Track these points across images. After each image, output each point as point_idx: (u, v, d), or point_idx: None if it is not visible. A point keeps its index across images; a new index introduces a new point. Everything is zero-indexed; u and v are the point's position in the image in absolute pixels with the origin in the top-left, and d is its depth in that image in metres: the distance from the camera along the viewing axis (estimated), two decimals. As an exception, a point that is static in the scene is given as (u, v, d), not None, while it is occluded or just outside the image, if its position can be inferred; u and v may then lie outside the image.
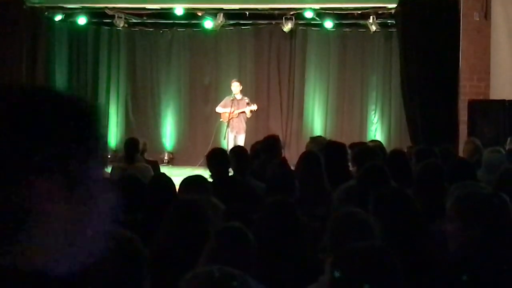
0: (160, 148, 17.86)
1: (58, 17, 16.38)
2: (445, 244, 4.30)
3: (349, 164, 8.02)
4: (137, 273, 2.79)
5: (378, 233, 4.10)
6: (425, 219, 4.94)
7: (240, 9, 16.13)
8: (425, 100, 13.47)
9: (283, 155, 9.10)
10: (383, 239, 4.13)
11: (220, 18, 16.23)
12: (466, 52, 13.31)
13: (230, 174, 7.58)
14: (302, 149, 11.27)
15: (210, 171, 7.18)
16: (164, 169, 10.87)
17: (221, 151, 7.95)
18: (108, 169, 10.02)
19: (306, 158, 7.27)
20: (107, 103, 18.44)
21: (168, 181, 6.00)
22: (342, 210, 4.30)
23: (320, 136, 11.03)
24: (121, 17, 16.42)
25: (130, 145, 9.46)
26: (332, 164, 7.45)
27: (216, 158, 7.33)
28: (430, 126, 13.32)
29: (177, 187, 6.10)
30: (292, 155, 13.75)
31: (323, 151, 7.89)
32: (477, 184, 5.73)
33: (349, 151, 8.23)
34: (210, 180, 6.88)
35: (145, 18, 17.11)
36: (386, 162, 7.29)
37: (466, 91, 13.31)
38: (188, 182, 5.98)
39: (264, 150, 8.72)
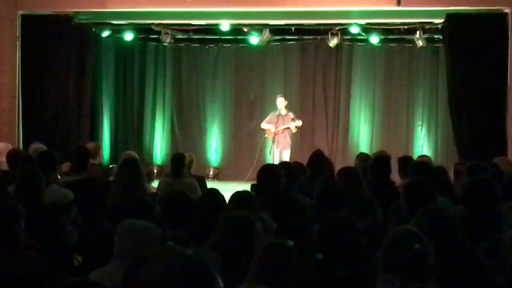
0: (205, 163, 17.91)
1: (105, 33, 16.54)
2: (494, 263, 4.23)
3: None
4: None
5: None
6: (464, 240, 4.91)
7: (285, 24, 16.14)
8: (473, 116, 13.33)
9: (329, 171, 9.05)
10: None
11: (266, 33, 16.25)
12: (514, 66, 13.16)
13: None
14: (347, 164, 11.24)
15: (261, 186, 7.14)
16: (209, 184, 10.90)
17: (274, 166, 7.93)
18: (155, 184, 10.09)
19: (344, 173, 7.28)
20: (153, 118, 18.57)
21: (219, 197, 5.99)
22: (396, 228, 4.24)
23: (363, 154, 10.96)
24: (167, 33, 16.52)
25: (177, 160, 9.48)
26: (378, 177, 7.47)
27: (269, 173, 7.30)
28: (478, 142, 13.17)
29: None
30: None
31: (370, 165, 7.90)
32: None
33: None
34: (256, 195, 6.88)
35: (191, 33, 17.20)
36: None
37: (515, 106, 13.15)
38: (236, 198, 5.98)
39: (310, 166, 8.73)
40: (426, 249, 3.99)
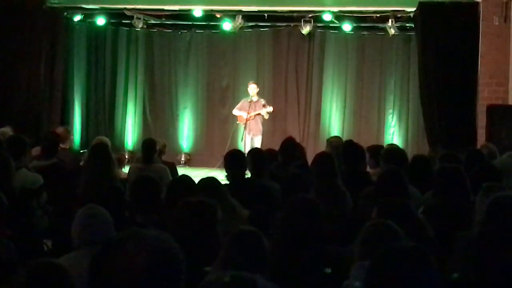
0: (177, 149, 17.87)
1: (77, 18, 16.44)
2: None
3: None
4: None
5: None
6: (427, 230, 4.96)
7: (258, 11, 16.10)
8: (444, 105, 13.42)
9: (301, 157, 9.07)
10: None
11: (239, 20, 16.21)
12: (485, 56, 13.25)
13: (247, 176, 7.60)
14: (319, 151, 11.26)
15: (227, 172, 7.19)
16: (180, 171, 10.89)
17: (239, 152, 7.95)
18: (126, 170, 10.06)
19: (320, 159, 7.29)
20: (125, 103, 18.48)
21: (191, 182, 5.98)
22: (374, 220, 4.26)
23: (336, 137, 10.98)
24: (139, 18, 16.44)
25: (148, 146, 9.46)
26: (350, 165, 7.48)
27: (234, 159, 7.33)
28: (448, 130, 13.27)
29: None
30: (309, 157, 13.69)
31: (341, 152, 7.92)
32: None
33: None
34: (226, 181, 6.90)
35: (163, 19, 17.13)
36: (409, 168, 7.33)
37: (485, 95, 13.25)
38: (202, 184, 5.97)
39: (282, 152, 8.74)
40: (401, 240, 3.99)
